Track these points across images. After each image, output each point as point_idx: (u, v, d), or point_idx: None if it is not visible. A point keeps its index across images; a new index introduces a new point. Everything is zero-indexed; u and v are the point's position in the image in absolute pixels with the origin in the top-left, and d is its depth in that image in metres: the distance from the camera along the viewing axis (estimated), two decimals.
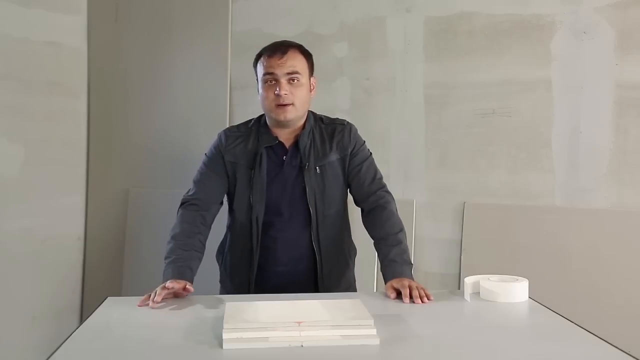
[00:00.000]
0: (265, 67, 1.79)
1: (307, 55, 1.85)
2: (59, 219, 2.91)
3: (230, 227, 1.95)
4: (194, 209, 1.85)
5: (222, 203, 1.92)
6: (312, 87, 1.87)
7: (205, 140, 2.94)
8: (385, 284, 1.70)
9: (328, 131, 1.89)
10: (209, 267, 2.86)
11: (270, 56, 1.79)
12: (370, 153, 1.94)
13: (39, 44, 2.78)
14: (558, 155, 2.59)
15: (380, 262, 1.78)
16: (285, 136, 1.86)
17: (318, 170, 1.83)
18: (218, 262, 2.01)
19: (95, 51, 3.05)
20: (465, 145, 2.71)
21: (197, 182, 1.90)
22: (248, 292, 1.87)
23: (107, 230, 3.04)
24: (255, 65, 1.87)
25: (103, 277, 3.02)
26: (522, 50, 2.63)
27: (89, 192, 3.06)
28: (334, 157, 1.86)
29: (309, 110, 1.90)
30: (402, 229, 1.83)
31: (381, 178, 1.92)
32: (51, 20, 2.83)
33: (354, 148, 1.88)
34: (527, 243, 2.58)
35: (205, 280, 2.84)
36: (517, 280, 1.62)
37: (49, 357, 1.17)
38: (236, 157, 1.86)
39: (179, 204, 1.90)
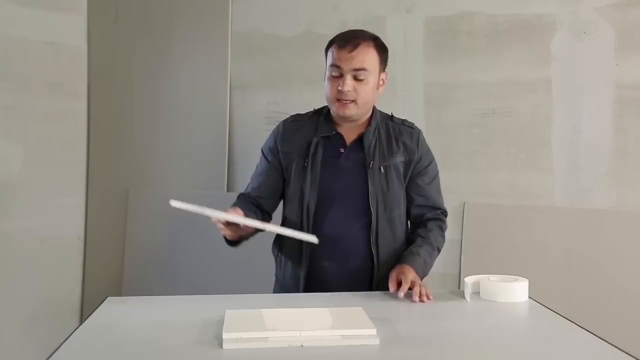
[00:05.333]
0: (333, 57, 1.72)
1: (382, 50, 1.75)
2: (59, 219, 2.91)
3: (284, 217, 1.89)
4: (250, 200, 1.86)
5: (280, 198, 1.89)
6: (381, 83, 1.79)
7: (205, 140, 2.96)
8: (393, 269, 1.68)
9: (396, 131, 1.82)
10: (209, 267, 2.86)
11: (340, 47, 1.71)
12: (437, 172, 1.89)
13: (39, 44, 2.78)
14: (558, 155, 2.60)
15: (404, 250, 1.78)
16: (346, 129, 1.80)
17: (382, 170, 1.76)
18: (273, 254, 1.95)
19: (95, 51, 3.04)
20: (465, 145, 2.71)
21: (253, 179, 1.89)
22: (298, 285, 1.80)
23: (107, 230, 3.04)
24: (326, 51, 1.78)
25: (103, 277, 3.02)
26: (522, 50, 2.63)
27: (89, 192, 3.06)
28: (399, 158, 1.79)
29: (374, 107, 1.85)
30: (439, 247, 1.83)
31: (441, 202, 1.88)
32: (51, 20, 2.83)
33: (421, 157, 1.83)
34: (527, 243, 2.58)
35: (205, 280, 2.85)
36: (517, 280, 1.61)
37: (49, 357, 1.17)
38: (291, 146, 1.82)
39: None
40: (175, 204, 1.47)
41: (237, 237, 1.68)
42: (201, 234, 2.88)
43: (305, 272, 1.79)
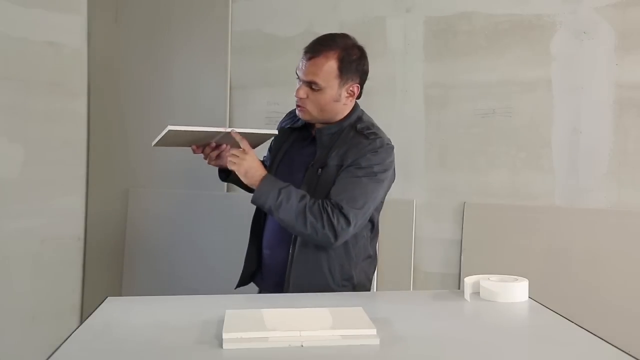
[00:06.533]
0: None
1: (347, 62, 1.74)
2: (59, 219, 2.91)
3: None
4: None
5: None
6: (348, 95, 1.78)
7: None
8: None
9: (352, 138, 1.78)
10: (209, 268, 2.86)
11: (303, 55, 1.76)
12: (374, 174, 1.75)
13: (39, 44, 2.78)
14: (558, 155, 2.59)
15: None
16: (317, 125, 1.85)
17: (319, 172, 1.77)
18: None
19: (95, 51, 3.05)
20: (465, 145, 2.71)
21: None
22: (247, 267, 1.92)
23: (107, 230, 3.04)
24: None
25: (103, 277, 3.02)
26: (522, 50, 2.62)
27: (89, 192, 3.06)
28: (333, 162, 1.76)
29: (360, 113, 1.85)
30: (306, 218, 1.65)
31: (354, 202, 1.69)
32: (51, 20, 2.83)
33: (353, 161, 1.74)
34: (527, 243, 2.58)
35: (206, 280, 2.85)
36: (517, 280, 1.61)
37: (49, 357, 1.17)
38: (279, 133, 1.93)
39: None
40: (171, 127, 1.65)
41: (222, 166, 1.87)
42: (201, 234, 2.88)
43: (256, 257, 1.91)
